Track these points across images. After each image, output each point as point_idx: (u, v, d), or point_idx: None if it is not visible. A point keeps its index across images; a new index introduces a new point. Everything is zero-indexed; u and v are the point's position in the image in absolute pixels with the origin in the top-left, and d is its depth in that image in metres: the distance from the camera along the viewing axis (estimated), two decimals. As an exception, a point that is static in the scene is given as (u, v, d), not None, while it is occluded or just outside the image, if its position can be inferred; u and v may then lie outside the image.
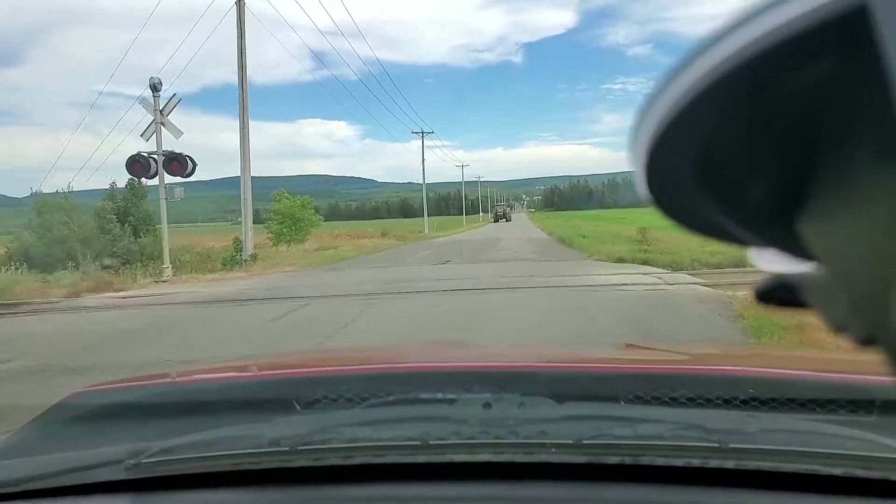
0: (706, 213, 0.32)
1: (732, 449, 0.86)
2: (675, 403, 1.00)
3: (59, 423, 1.19)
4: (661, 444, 0.88)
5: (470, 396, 1.03)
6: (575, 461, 0.89)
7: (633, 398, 1.02)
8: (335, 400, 1.08)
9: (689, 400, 1.00)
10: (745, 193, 0.31)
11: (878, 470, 0.82)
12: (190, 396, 1.27)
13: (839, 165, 0.27)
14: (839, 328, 0.30)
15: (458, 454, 0.91)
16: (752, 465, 0.84)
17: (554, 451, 0.89)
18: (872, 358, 0.29)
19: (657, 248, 16.46)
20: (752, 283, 0.39)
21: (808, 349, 4.37)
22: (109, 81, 15.04)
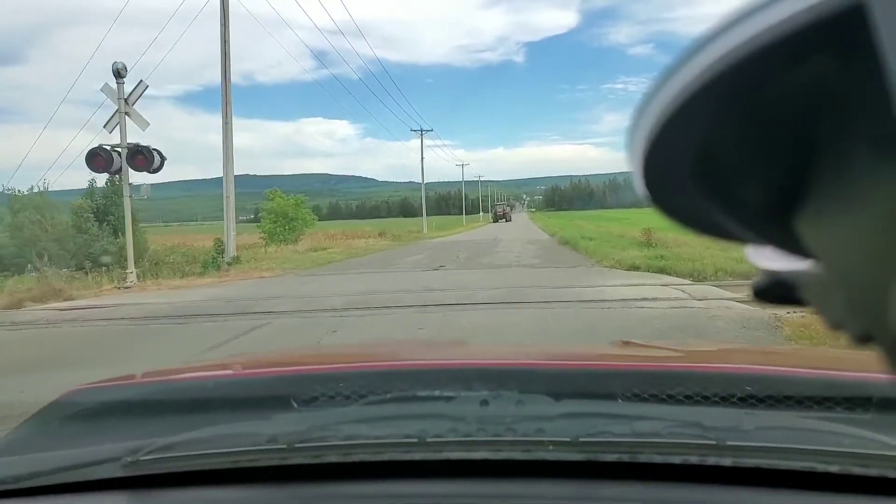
0: (704, 211, 0.32)
1: (730, 446, 0.87)
2: (672, 401, 1.00)
3: (56, 420, 1.19)
4: (658, 441, 0.89)
5: (467, 394, 1.03)
6: (572, 458, 0.89)
7: (630, 396, 1.02)
8: (333, 397, 1.08)
9: (686, 397, 1.00)
10: (742, 192, 0.31)
11: (874, 467, 0.83)
12: (188, 394, 1.27)
13: (836, 163, 0.27)
14: (836, 326, 0.30)
15: (455, 451, 0.92)
16: (749, 462, 0.85)
17: (551, 448, 0.90)
18: (869, 355, 0.29)
19: (673, 253, 14.73)
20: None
21: (805, 346, 4.19)
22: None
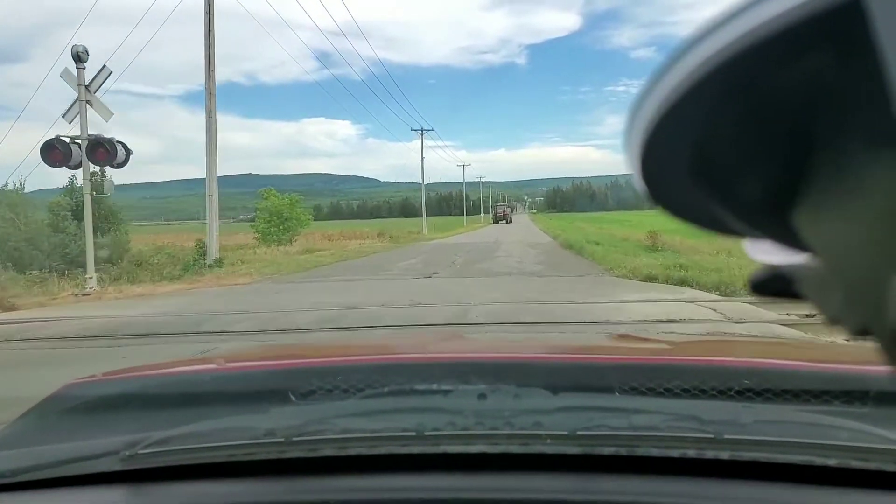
0: (702, 206, 0.32)
1: (727, 440, 0.87)
2: (669, 394, 1.00)
3: (53, 414, 1.19)
4: (656, 434, 0.89)
5: (465, 387, 1.03)
6: (570, 452, 0.89)
7: (628, 389, 1.02)
8: (330, 391, 1.07)
9: (683, 391, 1.00)
10: (740, 188, 0.31)
11: (872, 461, 0.83)
12: (185, 387, 1.27)
13: (833, 158, 0.27)
14: (834, 319, 0.30)
15: (453, 445, 0.92)
16: (747, 455, 0.85)
17: (549, 442, 0.90)
18: (867, 349, 0.28)
19: (693, 261, 13.30)
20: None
21: (803, 340, 4.14)
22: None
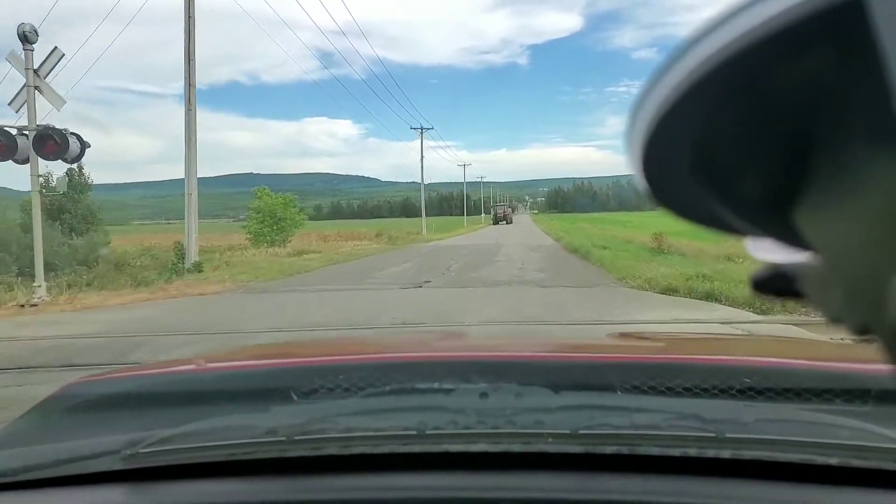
0: (704, 205, 0.32)
1: (729, 438, 0.86)
2: (671, 393, 1.00)
3: (54, 413, 1.19)
4: (657, 433, 0.89)
5: (467, 386, 1.03)
6: (571, 451, 0.89)
7: (629, 388, 1.02)
8: (332, 389, 1.07)
9: (685, 389, 1.00)
10: (741, 186, 0.31)
11: (873, 459, 0.83)
12: (187, 386, 1.27)
13: (834, 157, 0.27)
14: (835, 318, 0.30)
15: (454, 444, 0.92)
16: (748, 454, 0.85)
17: (550, 440, 0.90)
18: (868, 348, 0.28)
19: (714, 270, 11.64)
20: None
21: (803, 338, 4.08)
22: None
